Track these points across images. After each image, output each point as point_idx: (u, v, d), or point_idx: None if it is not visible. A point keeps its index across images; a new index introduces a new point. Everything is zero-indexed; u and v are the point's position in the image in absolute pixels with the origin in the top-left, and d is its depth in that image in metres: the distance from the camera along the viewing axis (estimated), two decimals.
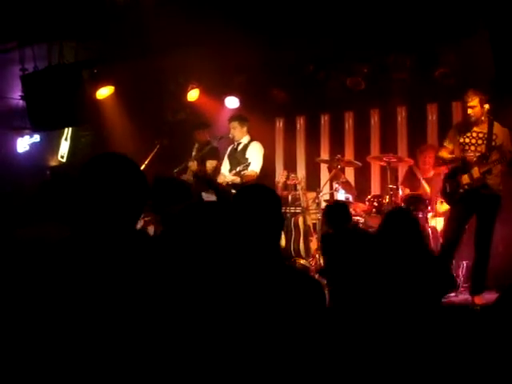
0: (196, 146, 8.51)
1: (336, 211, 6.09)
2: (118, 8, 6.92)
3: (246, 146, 7.92)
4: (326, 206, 6.63)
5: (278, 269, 2.53)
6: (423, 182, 7.86)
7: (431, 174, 7.96)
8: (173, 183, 4.89)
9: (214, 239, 2.27)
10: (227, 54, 8.07)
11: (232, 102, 9.21)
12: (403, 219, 4.78)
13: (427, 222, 7.43)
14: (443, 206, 7.42)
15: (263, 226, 2.57)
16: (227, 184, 7.61)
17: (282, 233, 4.66)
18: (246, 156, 7.75)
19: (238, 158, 7.82)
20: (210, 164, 8.11)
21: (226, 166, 8.09)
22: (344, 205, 6.63)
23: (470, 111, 6.46)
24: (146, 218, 6.55)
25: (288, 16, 7.04)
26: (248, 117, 8.25)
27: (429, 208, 7.44)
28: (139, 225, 6.16)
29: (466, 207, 6.53)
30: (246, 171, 7.55)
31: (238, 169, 7.58)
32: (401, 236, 4.63)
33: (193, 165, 7.91)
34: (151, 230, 6.42)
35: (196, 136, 8.62)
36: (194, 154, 8.33)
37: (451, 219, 6.75)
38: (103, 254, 2.10)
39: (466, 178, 6.49)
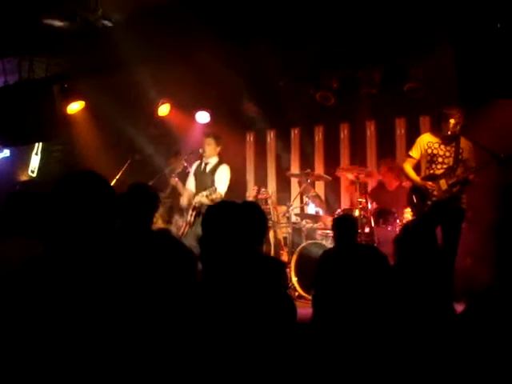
0: (176, 171, 8.50)
1: (345, 225, 5.52)
2: (88, 23, 6.93)
3: (214, 168, 7.74)
4: (334, 219, 5.92)
5: (248, 283, 2.57)
6: None
7: (395, 186, 8.06)
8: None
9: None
10: (198, 68, 8.09)
11: (203, 117, 9.26)
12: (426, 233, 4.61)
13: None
14: (408, 217, 7.44)
15: (231, 240, 2.61)
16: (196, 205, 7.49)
17: None
18: (214, 178, 7.61)
19: (205, 180, 7.67)
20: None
21: (191, 182, 7.93)
22: (353, 219, 6.03)
23: (458, 127, 6.51)
24: None
25: (258, 31, 7.09)
26: (218, 131, 8.20)
27: (397, 221, 7.46)
28: None
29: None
30: (212, 195, 7.42)
31: (204, 193, 7.32)
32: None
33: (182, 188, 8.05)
34: None
35: (170, 164, 8.67)
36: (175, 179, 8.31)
37: None
38: (80, 266, 2.16)
39: (433, 190, 6.57)
